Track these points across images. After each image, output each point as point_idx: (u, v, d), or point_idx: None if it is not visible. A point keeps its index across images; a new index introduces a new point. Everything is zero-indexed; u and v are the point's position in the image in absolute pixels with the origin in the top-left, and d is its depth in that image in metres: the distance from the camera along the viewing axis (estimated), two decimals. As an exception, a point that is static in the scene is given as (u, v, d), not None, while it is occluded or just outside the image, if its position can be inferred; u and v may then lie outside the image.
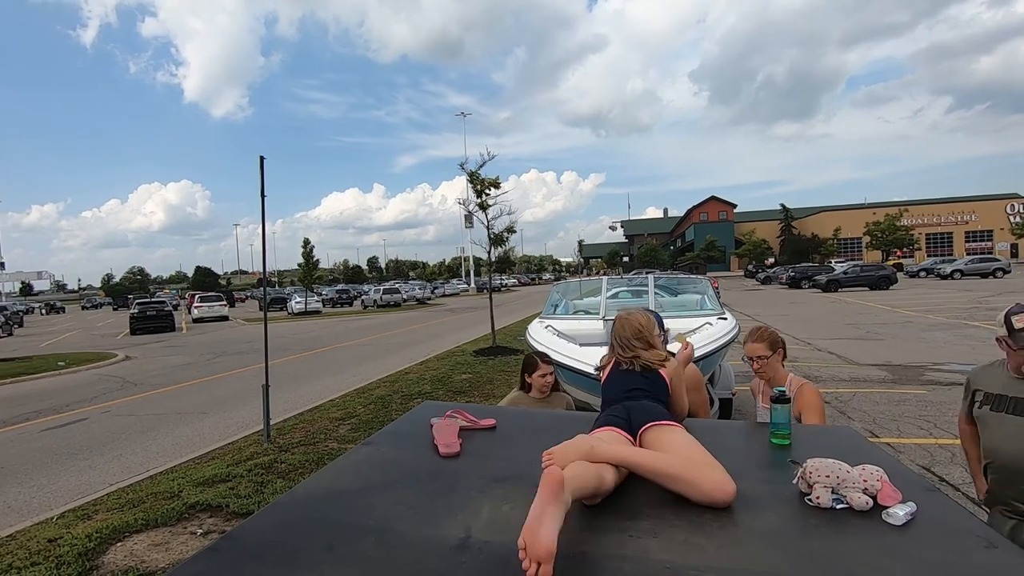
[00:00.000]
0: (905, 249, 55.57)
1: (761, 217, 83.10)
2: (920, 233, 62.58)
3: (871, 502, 1.27)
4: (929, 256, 56.73)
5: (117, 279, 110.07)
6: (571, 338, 5.19)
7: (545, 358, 3.16)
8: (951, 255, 52.52)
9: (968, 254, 47.95)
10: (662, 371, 1.96)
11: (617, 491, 1.42)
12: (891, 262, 46.94)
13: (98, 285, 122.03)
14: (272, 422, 5.95)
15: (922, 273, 39.20)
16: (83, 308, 71.88)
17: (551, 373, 3.09)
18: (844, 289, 29.30)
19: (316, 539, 1.25)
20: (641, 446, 1.61)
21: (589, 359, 4.26)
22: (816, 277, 32.48)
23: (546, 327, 5.87)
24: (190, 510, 4.00)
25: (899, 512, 1.22)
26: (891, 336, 11.84)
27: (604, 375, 2.08)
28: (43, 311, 63.83)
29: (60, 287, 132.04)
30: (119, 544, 3.53)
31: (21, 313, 44.22)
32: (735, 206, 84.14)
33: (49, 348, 19.97)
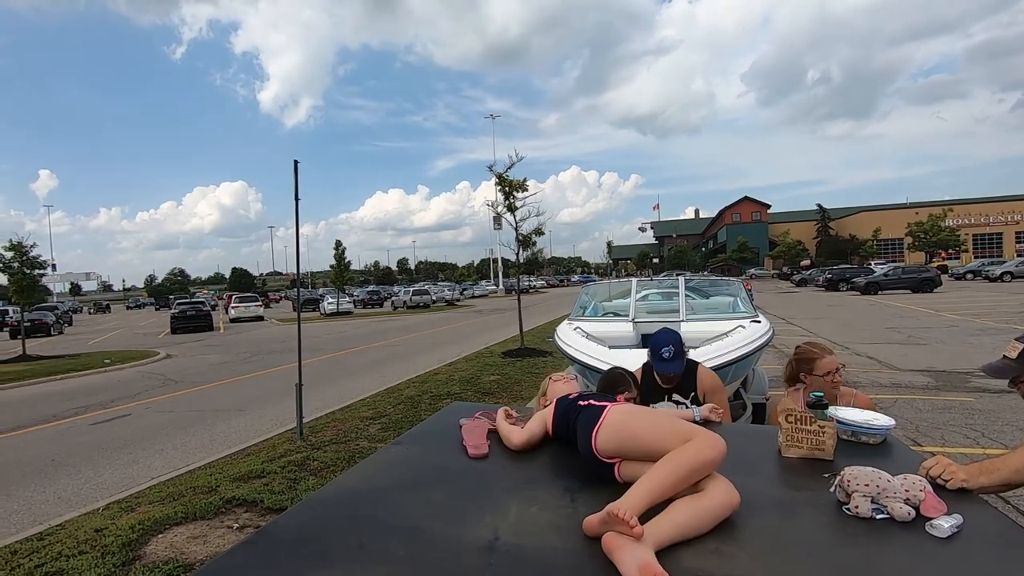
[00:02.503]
0: (950, 250, 53.32)
1: (796, 218, 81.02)
2: (967, 234, 59.95)
3: (914, 513, 1.22)
4: (976, 258, 54.32)
5: (159, 280, 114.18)
6: (600, 340, 5.15)
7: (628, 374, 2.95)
8: (1000, 256, 50.16)
9: (1019, 255, 45.73)
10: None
11: None
12: (935, 264, 45.14)
13: (141, 285, 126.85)
14: (305, 420, 6.08)
15: (968, 275, 37.53)
16: (127, 308, 74.97)
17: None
18: (884, 292, 28.29)
19: (347, 536, 1.27)
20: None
21: (617, 361, 4.22)
22: (855, 279, 31.44)
23: (575, 329, 5.84)
24: (227, 504, 4.11)
25: (944, 524, 1.17)
26: (935, 341, 11.37)
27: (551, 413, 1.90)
28: (91, 310, 66.84)
29: (106, 288, 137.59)
30: (160, 536, 3.66)
31: (71, 312, 46.39)
32: (769, 207, 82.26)
33: (96, 346, 20.84)
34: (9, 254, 15.76)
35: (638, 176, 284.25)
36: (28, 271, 15.98)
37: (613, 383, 2.42)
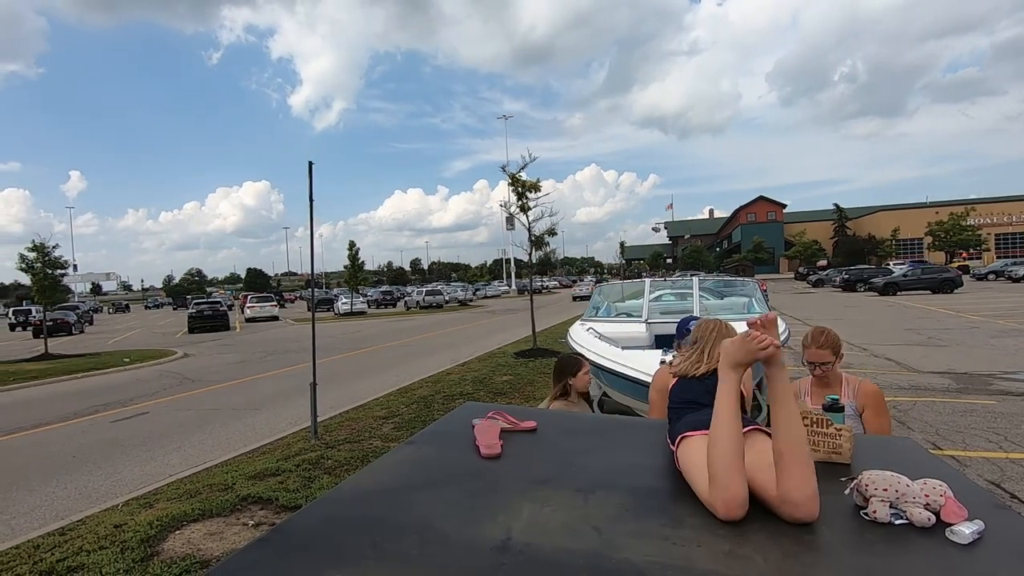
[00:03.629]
0: (972, 250, 52.29)
1: (813, 217, 79.99)
2: (989, 233, 58.75)
3: (933, 518, 1.20)
4: (999, 258, 53.19)
5: (177, 280, 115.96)
6: (614, 341, 5.13)
7: (579, 357, 3.12)
8: (1024, 256, 49.10)
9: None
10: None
11: (659, 495, 1.39)
12: (955, 264, 44.29)
13: (160, 286, 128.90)
14: (319, 419, 6.13)
15: (991, 276, 36.79)
16: (146, 308, 76.30)
17: (588, 370, 3.05)
18: (903, 292, 27.82)
19: (361, 535, 1.28)
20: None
21: (632, 362, 4.20)
22: (873, 280, 30.93)
23: (588, 329, 5.82)
24: (242, 502, 4.16)
25: (965, 530, 1.14)
26: (955, 342, 11.15)
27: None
28: (110, 310, 68.21)
29: (125, 287, 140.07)
30: (177, 532, 3.71)
31: (92, 312, 47.33)
32: (785, 206, 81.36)
33: (116, 345, 21.21)
34: (32, 255, 16.12)
35: (656, 176, 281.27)
36: (50, 271, 16.33)
37: (562, 370, 2.71)
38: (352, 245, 34.20)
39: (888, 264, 48.64)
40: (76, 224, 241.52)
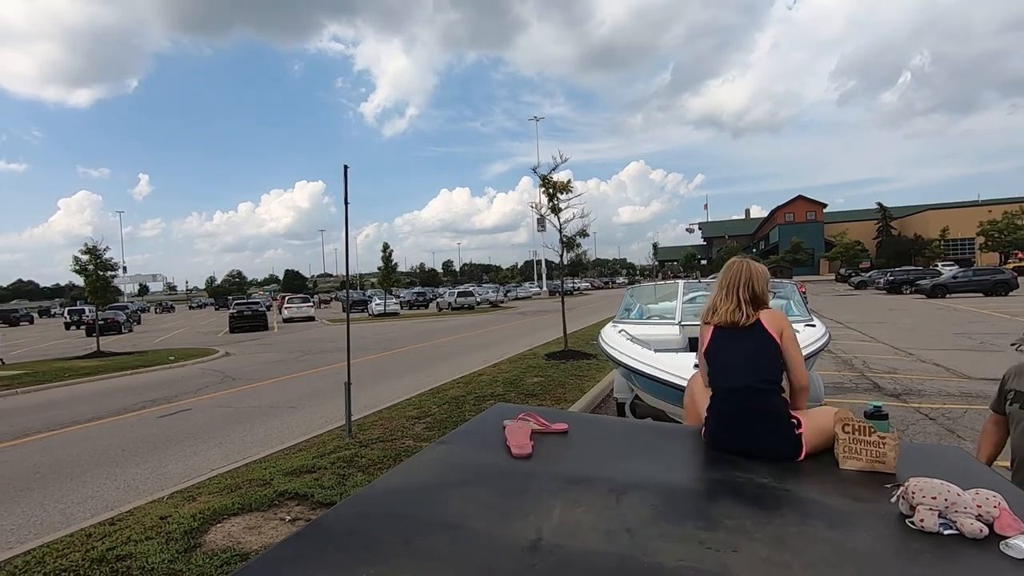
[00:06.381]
0: (1028, 251, 49.62)
1: (855, 217, 77.36)
2: (1047, 233, 55.61)
3: (986, 530, 1.14)
4: (1058, 258, 50.30)
5: (219, 281, 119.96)
6: (646, 344, 5.06)
7: None
8: (1087, 257, 46.26)
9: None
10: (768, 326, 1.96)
11: (694, 497, 1.37)
12: (1010, 265, 42.09)
13: (203, 287, 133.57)
14: (353, 418, 6.24)
15: (1050, 277, 34.85)
16: (190, 308, 79.45)
17: None
18: (953, 295, 26.56)
19: (393, 532, 1.30)
20: None
21: (665, 365, 4.14)
22: (920, 281, 29.67)
23: (619, 332, 5.76)
24: (280, 497, 4.27)
25: (1021, 544, 1.09)
26: (1010, 347, 10.60)
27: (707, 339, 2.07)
28: (157, 310, 71.25)
29: (171, 288, 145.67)
30: (218, 525, 3.84)
31: (140, 312, 49.53)
32: (825, 206, 78.83)
33: (162, 344, 22.09)
34: (85, 257, 16.95)
35: (703, 175, 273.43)
36: (102, 273, 17.14)
37: None
38: (386, 247, 34.70)
39: (936, 265, 46.62)
40: (143, 227, 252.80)
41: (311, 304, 36.18)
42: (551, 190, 12.03)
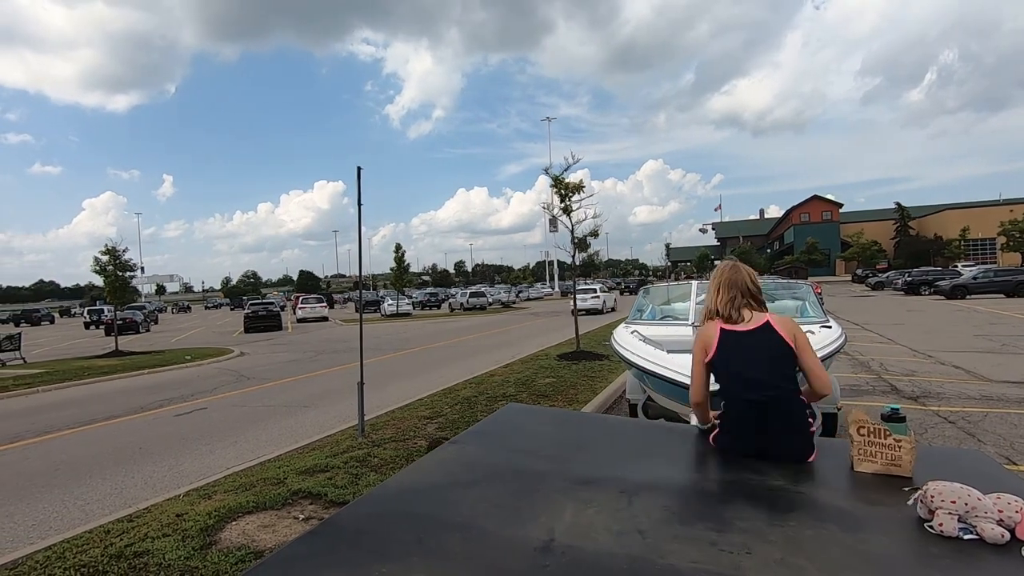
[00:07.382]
0: (1052, 251, 48.51)
1: (872, 217, 76.28)
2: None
3: (1008, 535, 1.12)
4: (1083, 259, 49.13)
5: (234, 282, 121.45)
6: (658, 344, 5.03)
7: None
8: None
9: None
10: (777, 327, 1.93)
11: (706, 499, 1.36)
12: (1033, 265, 41.20)
13: (218, 287, 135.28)
14: (366, 418, 6.28)
15: (1074, 278, 34.02)
16: (205, 308, 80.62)
17: None
18: (973, 296, 26.08)
19: (405, 531, 1.31)
20: None
21: (678, 366, 4.11)
22: (939, 282, 29.16)
23: (632, 332, 5.73)
24: (293, 496, 4.31)
25: (1043, 549, 1.06)
26: (1034, 350, 10.38)
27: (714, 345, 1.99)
28: (173, 310, 72.42)
29: (187, 289, 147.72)
30: (233, 523, 3.88)
31: (157, 312, 50.33)
32: (841, 205, 77.87)
33: (178, 343, 22.39)
34: (105, 258, 17.25)
35: (722, 175, 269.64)
36: (120, 273, 17.43)
37: None
38: (398, 248, 34.90)
39: (956, 266, 45.78)
40: (166, 228, 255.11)
41: (324, 304, 36.48)
42: (563, 191, 12.01)
